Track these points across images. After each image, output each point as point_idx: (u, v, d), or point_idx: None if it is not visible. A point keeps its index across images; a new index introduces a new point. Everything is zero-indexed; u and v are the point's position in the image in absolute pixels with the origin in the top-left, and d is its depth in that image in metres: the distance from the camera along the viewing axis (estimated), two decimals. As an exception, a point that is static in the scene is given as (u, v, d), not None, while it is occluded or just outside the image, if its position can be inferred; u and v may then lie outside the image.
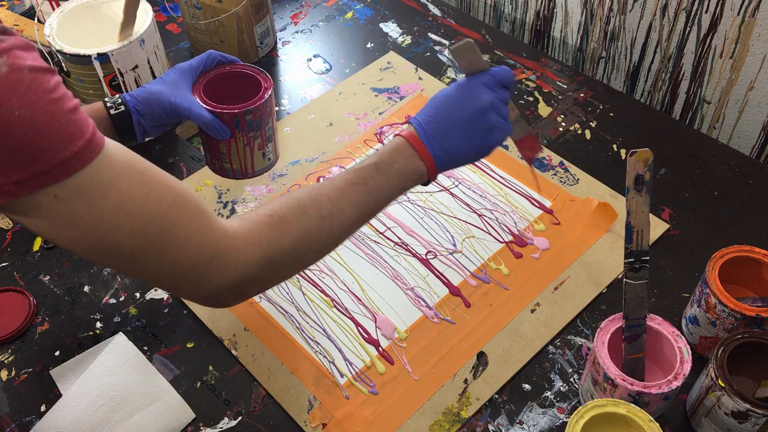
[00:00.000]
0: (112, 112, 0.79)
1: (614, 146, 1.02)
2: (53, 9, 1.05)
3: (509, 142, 1.01)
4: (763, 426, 0.66)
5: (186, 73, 0.83)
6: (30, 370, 0.81)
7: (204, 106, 0.81)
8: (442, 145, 0.71)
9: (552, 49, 1.26)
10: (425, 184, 0.73)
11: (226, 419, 0.77)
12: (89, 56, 0.93)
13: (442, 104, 0.73)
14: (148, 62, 0.98)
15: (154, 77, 1.00)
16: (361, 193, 0.67)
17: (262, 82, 0.84)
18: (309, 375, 0.80)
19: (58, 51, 0.93)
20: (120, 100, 0.80)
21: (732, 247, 0.77)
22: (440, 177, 0.98)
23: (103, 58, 0.93)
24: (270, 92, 0.84)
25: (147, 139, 0.85)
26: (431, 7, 1.26)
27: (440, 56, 1.17)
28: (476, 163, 0.99)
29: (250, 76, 0.85)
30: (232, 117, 0.81)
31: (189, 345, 0.83)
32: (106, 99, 0.80)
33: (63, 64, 0.95)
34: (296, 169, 1.00)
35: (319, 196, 0.66)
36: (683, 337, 0.71)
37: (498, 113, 0.73)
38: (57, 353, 0.83)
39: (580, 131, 1.04)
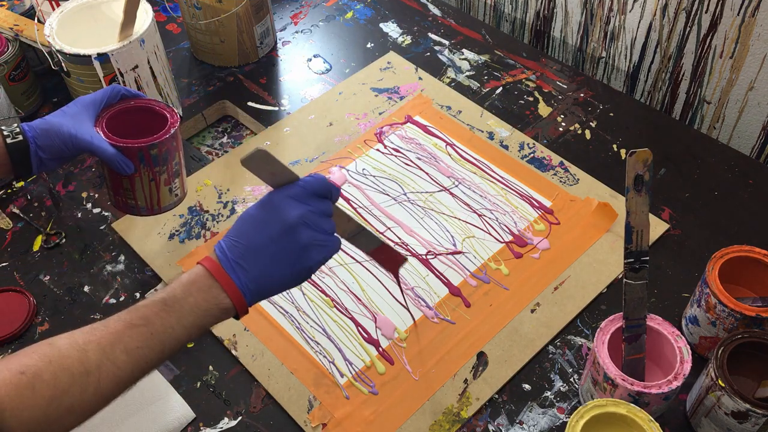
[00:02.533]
0: (9, 141, 0.73)
1: (614, 146, 1.02)
2: (53, 9, 1.05)
3: (508, 141, 1.02)
4: (763, 426, 0.66)
5: (89, 106, 0.78)
6: (30, 370, 0.81)
7: (106, 140, 0.77)
8: (249, 273, 0.61)
9: (552, 49, 1.26)
10: (236, 317, 0.63)
11: (226, 419, 0.77)
12: (89, 56, 0.93)
13: (246, 225, 0.63)
14: (148, 62, 0.98)
15: (154, 77, 1.00)
16: (142, 337, 0.57)
17: (169, 117, 0.80)
18: (309, 375, 0.80)
19: (58, 51, 0.93)
20: (18, 129, 0.74)
21: (732, 247, 0.77)
22: (440, 177, 0.98)
23: (103, 58, 0.93)
24: (176, 127, 0.79)
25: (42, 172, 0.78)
26: (431, 7, 1.26)
27: (440, 56, 1.17)
28: (476, 163, 1.00)
29: (155, 110, 0.81)
30: (136, 151, 0.77)
31: (189, 345, 0.83)
32: (3, 127, 0.74)
33: (63, 64, 0.95)
34: (296, 169, 1.00)
35: (86, 344, 0.55)
36: (683, 337, 0.71)
37: (314, 228, 0.62)
38: (57, 353, 0.83)
39: (580, 131, 1.04)
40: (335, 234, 0.65)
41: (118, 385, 0.57)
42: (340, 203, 0.95)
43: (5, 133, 0.74)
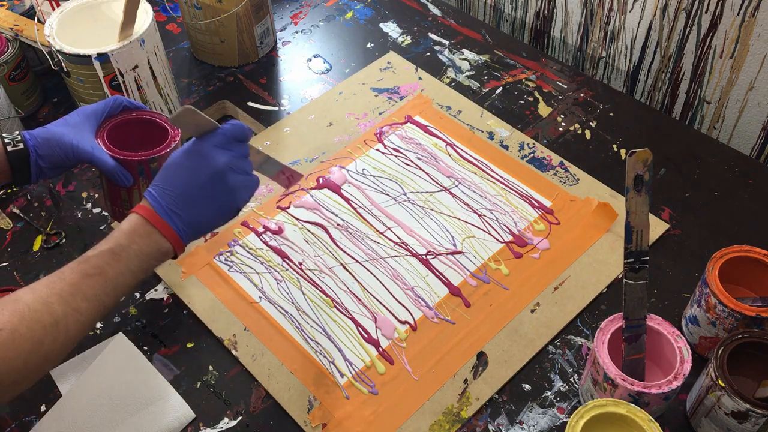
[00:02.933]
0: (10, 149, 0.75)
1: (614, 146, 1.02)
2: (53, 9, 1.05)
3: (508, 141, 1.02)
4: (763, 426, 0.66)
5: (90, 116, 0.79)
6: (30, 370, 0.81)
7: (107, 151, 0.77)
8: (183, 217, 0.67)
9: (552, 49, 1.26)
10: (174, 258, 0.69)
11: (226, 419, 0.77)
12: (89, 56, 0.93)
13: (176, 173, 0.67)
14: (148, 62, 0.98)
15: (154, 77, 1.00)
16: (97, 284, 0.63)
17: (170, 130, 0.81)
18: (309, 375, 0.80)
19: (58, 51, 0.93)
20: (19, 138, 0.76)
21: (732, 247, 0.77)
22: (440, 177, 0.98)
23: (103, 58, 0.93)
24: (177, 141, 0.80)
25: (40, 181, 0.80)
26: (431, 7, 1.26)
27: (440, 56, 1.17)
28: (476, 163, 1.00)
29: (157, 123, 0.82)
30: (136, 164, 0.78)
31: (189, 345, 0.83)
32: (4, 135, 0.76)
33: (63, 64, 0.95)
34: (296, 169, 1.00)
35: (49, 297, 0.60)
36: (683, 337, 0.71)
37: (238, 172, 0.69)
38: (57, 353, 0.83)
39: (580, 131, 1.04)
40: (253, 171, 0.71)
41: (83, 329, 0.62)
42: (338, 201, 0.95)
43: (6, 140, 0.75)
